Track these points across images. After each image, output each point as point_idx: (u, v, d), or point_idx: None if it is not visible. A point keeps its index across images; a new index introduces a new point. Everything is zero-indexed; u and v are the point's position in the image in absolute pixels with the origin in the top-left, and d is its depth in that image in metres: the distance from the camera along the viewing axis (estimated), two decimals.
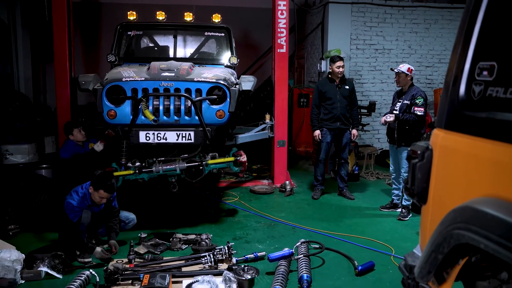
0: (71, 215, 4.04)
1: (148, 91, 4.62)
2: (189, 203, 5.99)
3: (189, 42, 6.32)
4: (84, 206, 4.09)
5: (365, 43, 8.96)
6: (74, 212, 4.04)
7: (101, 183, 3.99)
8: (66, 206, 4.06)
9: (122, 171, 4.96)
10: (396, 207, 5.80)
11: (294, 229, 5.07)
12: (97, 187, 4.00)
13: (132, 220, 4.77)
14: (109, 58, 5.67)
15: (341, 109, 6.11)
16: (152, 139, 4.70)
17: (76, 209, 4.05)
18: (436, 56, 9.22)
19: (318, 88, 6.18)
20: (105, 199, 4.08)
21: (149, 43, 6.29)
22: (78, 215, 4.05)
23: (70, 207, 4.05)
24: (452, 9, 9.09)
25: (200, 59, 6.06)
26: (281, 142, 6.99)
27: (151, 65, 4.95)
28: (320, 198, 6.37)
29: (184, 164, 5.07)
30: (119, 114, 4.62)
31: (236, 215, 5.55)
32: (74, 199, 4.07)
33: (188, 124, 4.75)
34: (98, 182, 4.00)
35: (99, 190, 4.00)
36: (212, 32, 6.27)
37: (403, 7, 8.92)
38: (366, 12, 8.84)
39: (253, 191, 6.65)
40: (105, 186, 3.99)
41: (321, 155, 6.33)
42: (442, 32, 9.14)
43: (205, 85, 4.74)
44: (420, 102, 5.21)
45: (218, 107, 4.81)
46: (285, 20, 6.72)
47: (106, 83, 4.61)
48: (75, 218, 4.04)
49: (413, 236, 4.89)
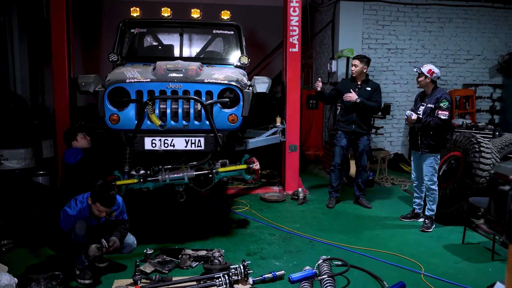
0: (63, 224, 3.66)
1: (154, 93, 4.23)
2: (196, 213, 5.60)
3: (196, 40, 5.93)
4: (81, 217, 3.69)
5: (377, 42, 8.58)
6: (67, 221, 3.66)
7: (99, 195, 3.57)
8: (62, 214, 3.68)
9: (125, 180, 4.58)
10: (418, 217, 5.43)
11: (312, 242, 4.69)
12: (94, 199, 3.60)
13: (129, 245, 4.02)
14: (111, 58, 5.28)
15: (358, 111, 5.73)
16: (158, 146, 4.31)
17: (71, 219, 3.66)
18: (451, 56, 8.84)
19: (337, 84, 5.88)
20: (104, 213, 3.67)
21: (153, 41, 5.90)
22: (71, 225, 3.66)
23: (65, 215, 3.67)
24: (467, 7, 8.71)
25: (207, 59, 5.67)
26: (293, 147, 6.61)
27: (157, 65, 4.56)
28: (335, 207, 5.99)
29: (193, 172, 4.69)
30: (123, 118, 4.23)
31: (248, 227, 5.17)
32: (71, 207, 3.68)
33: (198, 129, 4.36)
34: (96, 194, 3.58)
35: (96, 203, 3.59)
36: (220, 30, 5.88)
37: (417, 5, 8.54)
38: (379, 10, 8.46)
39: (263, 199, 6.26)
40: (102, 199, 3.57)
41: (335, 160, 5.96)
42: (457, 31, 8.76)
43: (217, 87, 4.36)
44: (444, 106, 4.84)
45: (231, 111, 4.43)
46: (298, 18, 6.34)
47: (108, 84, 4.22)
48: (66, 227, 3.66)
49: (441, 251, 4.53)
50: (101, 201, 3.55)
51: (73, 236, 3.59)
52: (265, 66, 11.42)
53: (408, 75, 8.74)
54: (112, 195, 3.58)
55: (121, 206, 3.91)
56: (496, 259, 4.33)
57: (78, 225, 3.58)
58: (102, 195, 3.53)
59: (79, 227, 3.58)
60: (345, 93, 5.69)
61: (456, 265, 4.20)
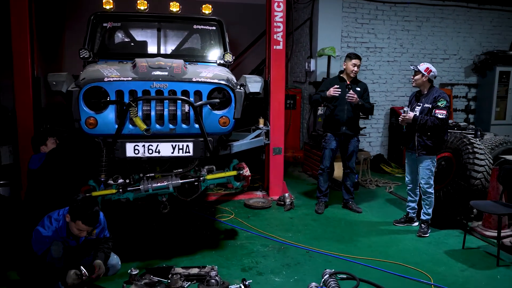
0: (36, 247, 3.12)
1: (137, 93, 3.77)
2: (179, 223, 5.14)
3: (175, 36, 5.47)
4: (58, 238, 3.18)
5: (356, 41, 8.40)
6: (41, 243, 3.13)
7: (80, 212, 3.08)
8: (34, 235, 3.15)
9: (102, 191, 4.09)
10: (412, 221, 5.23)
11: (309, 253, 4.37)
12: (74, 217, 3.10)
13: (114, 267, 3.59)
14: (82, 54, 4.74)
15: (348, 113, 5.47)
16: (141, 153, 3.85)
17: (45, 240, 3.13)
18: (428, 56, 8.79)
19: (325, 84, 5.55)
20: (85, 232, 3.19)
21: (128, 37, 5.38)
22: (46, 247, 3.14)
23: (38, 236, 3.13)
24: (443, 7, 8.69)
25: (188, 56, 5.23)
26: (277, 150, 6.28)
27: (138, 62, 4.09)
28: (324, 212, 5.70)
29: (178, 180, 4.26)
30: (101, 122, 3.74)
31: (237, 237, 4.78)
32: (45, 226, 3.15)
33: (186, 133, 3.94)
34: (77, 210, 3.09)
35: (77, 221, 3.10)
36: (201, 25, 5.45)
37: (395, 3, 8.42)
38: (358, 8, 8.28)
39: (248, 205, 5.89)
40: (85, 217, 3.09)
41: (324, 163, 5.67)
42: (434, 30, 8.72)
43: (206, 86, 3.95)
44: (442, 105, 4.65)
45: (222, 113, 4.04)
46: (282, 14, 6.00)
47: (84, 83, 3.72)
48: (40, 250, 3.13)
49: (444, 258, 4.32)
50: (83, 219, 3.06)
51: (49, 259, 3.08)
52: (237, 65, 11.03)
53: (387, 75, 8.62)
54: (96, 211, 3.10)
55: (103, 222, 3.43)
56: (501, 265, 4.17)
57: (54, 247, 3.07)
58: (84, 212, 3.04)
59: (55, 249, 3.07)
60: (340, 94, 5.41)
61: (463, 273, 4.00)
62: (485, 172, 4.97)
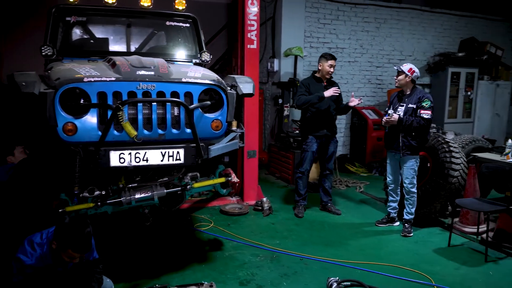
0: (16, 278, 2.66)
1: (122, 96, 3.37)
2: (158, 235, 4.75)
3: (147, 33, 5.05)
4: (43, 265, 2.73)
5: (319, 41, 8.39)
6: (22, 273, 2.67)
7: (70, 239, 2.62)
8: (14, 264, 2.68)
9: (76, 205, 3.62)
10: (394, 221, 5.25)
11: (303, 261, 4.20)
12: (63, 245, 2.63)
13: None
14: (45, 51, 4.21)
15: (329, 114, 5.40)
16: (128, 162, 3.45)
17: (28, 270, 2.67)
18: (386, 56, 9.01)
19: (304, 85, 5.37)
20: (77, 258, 2.75)
21: (95, 33, 4.87)
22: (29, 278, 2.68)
23: (20, 266, 2.66)
24: (399, 9, 8.95)
25: (161, 55, 4.82)
26: (251, 153, 6.05)
27: (118, 61, 3.67)
28: (304, 215, 5.57)
29: (163, 190, 3.89)
30: (81, 128, 3.29)
31: (224, 248, 4.49)
32: (27, 253, 2.68)
33: (176, 139, 3.60)
34: (65, 237, 2.62)
35: (67, 250, 2.66)
36: (175, 22, 5.07)
37: (355, 4, 8.52)
38: (320, 8, 8.27)
39: (225, 212, 5.60)
40: (76, 244, 2.63)
41: (304, 166, 5.54)
42: (391, 32, 8.95)
43: (198, 87, 3.63)
44: (427, 105, 4.68)
45: (214, 116, 3.74)
46: (256, 11, 5.78)
47: (60, 84, 3.25)
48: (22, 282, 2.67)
49: (435, 257, 4.35)
50: (74, 247, 2.61)
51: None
52: None
53: (348, 75, 8.70)
54: (88, 234, 2.67)
55: (92, 243, 3.00)
56: (489, 261, 4.26)
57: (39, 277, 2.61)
58: (74, 239, 2.59)
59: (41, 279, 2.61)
60: None
61: (458, 271, 4.03)
62: (461, 170, 5.09)
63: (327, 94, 5.17)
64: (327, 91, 5.19)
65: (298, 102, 5.25)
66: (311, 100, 5.20)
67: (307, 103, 5.23)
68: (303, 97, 5.25)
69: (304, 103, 5.22)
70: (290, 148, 7.29)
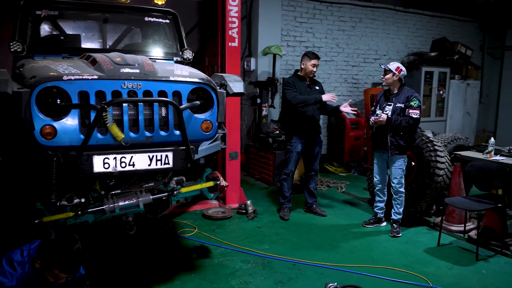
0: None
1: (105, 95, 3.10)
2: (141, 244, 4.47)
3: (123, 29, 4.75)
4: (24, 286, 2.44)
5: (296, 40, 8.28)
6: None
7: (56, 258, 2.34)
8: None
9: (54, 215, 3.33)
10: (381, 221, 5.19)
11: (296, 266, 4.05)
12: (48, 265, 2.36)
13: None
14: (14, 47, 3.86)
15: (315, 114, 5.28)
16: (113, 167, 3.18)
17: None
18: (361, 56, 9.02)
19: (290, 83, 5.21)
20: (64, 279, 2.46)
21: (68, 28, 4.53)
22: None
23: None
24: (374, 8, 8.97)
25: (140, 52, 4.54)
26: (233, 155, 5.85)
27: (98, 58, 3.39)
28: (290, 218, 5.42)
29: (149, 196, 3.66)
30: (61, 131, 3.00)
31: (212, 255, 4.28)
32: (6, 274, 2.38)
33: (164, 142, 3.36)
34: (51, 256, 2.34)
35: (53, 270, 2.38)
36: (154, 18, 4.80)
37: (331, 3, 8.47)
38: (296, 7, 8.16)
39: (208, 216, 5.38)
40: (63, 264, 2.37)
41: (289, 167, 5.40)
42: (366, 31, 8.96)
43: (187, 86, 3.40)
44: (415, 104, 4.64)
45: (204, 117, 3.52)
46: (237, 8, 5.60)
47: (37, 83, 2.94)
48: None
49: (427, 257, 4.31)
50: (62, 267, 2.33)
51: None
52: None
53: (324, 74, 8.64)
54: (77, 251, 2.39)
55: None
56: (480, 259, 4.26)
57: None
58: (62, 257, 2.31)
59: None
60: (302, 93, 5.17)
61: (452, 271, 3.99)
62: (446, 169, 5.09)
63: (325, 98, 5.05)
64: (325, 96, 5.07)
65: (295, 100, 5.07)
66: (308, 101, 5.07)
67: (303, 103, 5.07)
68: (298, 96, 5.09)
69: (300, 102, 5.07)
70: (271, 148, 7.13)
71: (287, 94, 5.14)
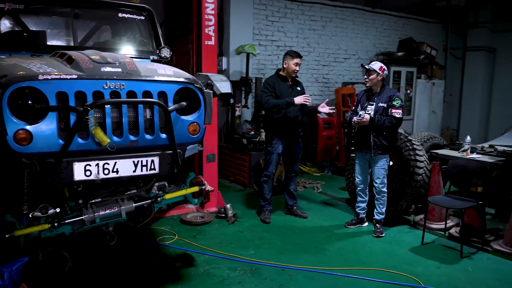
0: None
1: (86, 96, 2.85)
2: (119, 254, 4.19)
3: (96, 25, 4.46)
4: None
5: (267, 39, 8.18)
6: None
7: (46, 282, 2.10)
8: None
9: (27, 228, 3.05)
10: (363, 222, 5.17)
11: (285, 271, 3.92)
12: None
13: None
14: None
15: (295, 113, 5.18)
16: (95, 174, 2.93)
17: None
18: (332, 55, 9.05)
19: (269, 85, 5.07)
20: None
21: (34, 24, 4.17)
22: None
23: None
24: (344, 8, 9.02)
25: (112, 50, 4.28)
26: (210, 157, 5.66)
27: (74, 55, 3.13)
28: (271, 221, 5.30)
29: (132, 204, 3.43)
30: (38, 136, 2.73)
31: (196, 263, 4.08)
32: None
33: (150, 146, 3.14)
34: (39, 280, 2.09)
35: None
36: (128, 14, 4.53)
37: (302, 2, 8.43)
38: (268, 5, 8.06)
39: (187, 221, 5.16)
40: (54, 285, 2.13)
41: (270, 169, 5.27)
42: (336, 31, 9.00)
43: (173, 86, 3.21)
44: (398, 104, 4.64)
45: (192, 119, 3.33)
46: (214, 5, 5.40)
47: (8, 83, 2.65)
48: None
49: (414, 257, 4.31)
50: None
51: None
52: None
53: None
54: (69, 272, 2.15)
55: None
56: (464, 257, 4.31)
57: None
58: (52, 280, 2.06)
59: None
60: (282, 95, 5.05)
61: (440, 270, 4.00)
62: (425, 168, 5.14)
63: (298, 101, 4.92)
64: (298, 98, 4.94)
65: (267, 105, 4.94)
66: (280, 105, 4.93)
67: (276, 108, 4.94)
68: (271, 100, 4.95)
69: (272, 107, 4.93)
70: (246, 150, 6.98)
71: (262, 97, 5.01)
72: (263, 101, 4.98)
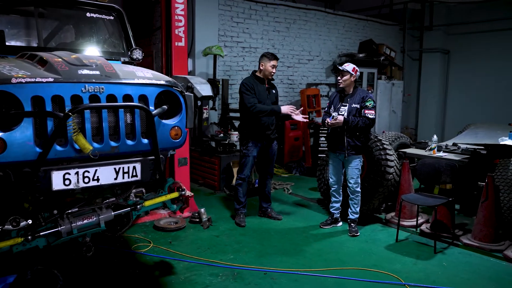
0: None
1: (64, 101, 2.69)
2: (94, 265, 3.99)
3: (60, 25, 4.23)
4: None
5: (233, 40, 8.12)
6: None
7: None
8: None
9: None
10: (337, 221, 5.23)
11: (268, 275, 3.88)
12: None
13: None
14: None
15: (271, 119, 5.15)
16: (74, 183, 2.77)
17: None
18: (296, 56, 9.11)
19: (249, 86, 4.99)
20: None
21: None
22: None
23: None
24: (307, 10, 9.12)
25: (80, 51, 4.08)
26: (182, 161, 5.53)
27: (47, 57, 2.94)
28: (247, 224, 5.25)
29: (111, 213, 3.27)
30: (12, 144, 2.53)
31: (176, 270, 3.96)
32: None
33: (131, 151, 3.01)
34: None
35: None
36: (97, 14, 4.33)
37: (266, 4, 8.44)
38: (233, 6, 8.00)
39: (160, 228, 5.01)
40: None
41: (245, 172, 5.22)
42: (300, 32, 9.08)
43: (153, 89, 3.09)
44: (371, 105, 4.73)
45: (173, 123, 3.23)
46: (184, 6, 5.28)
47: None
48: None
49: (390, 255, 4.41)
50: None
51: None
52: None
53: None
54: None
55: None
56: (437, 252, 4.45)
57: None
58: None
59: None
60: (259, 96, 5.01)
61: (417, 266, 4.11)
62: (395, 167, 5.27)
63: (284, 110, 4.93)
64: (285, 108, 4.94)
65: (254, 109, 4.87)
66: (267, 111, 4.91)
67: (262, 113, 4.91)
68: (258, 105, 4.90)
69: (260, 112, 4.89)
70: (215, 152, 6.89)
71: (246, 99, 4.93)
72: (248, 104, 4.90)
